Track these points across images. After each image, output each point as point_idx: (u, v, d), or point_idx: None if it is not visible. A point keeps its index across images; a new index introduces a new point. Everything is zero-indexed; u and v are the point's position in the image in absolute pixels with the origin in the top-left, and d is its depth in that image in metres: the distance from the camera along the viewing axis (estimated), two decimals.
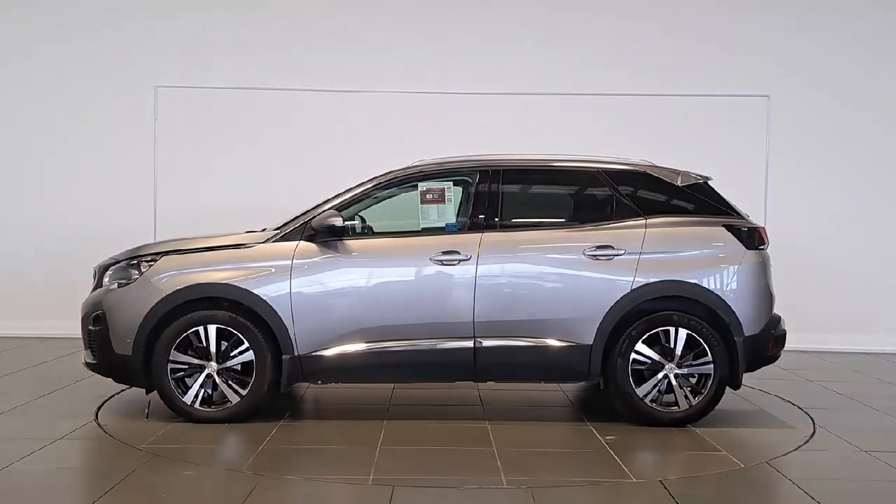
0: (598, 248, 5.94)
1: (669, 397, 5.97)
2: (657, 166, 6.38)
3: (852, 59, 9.69)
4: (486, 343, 5.85)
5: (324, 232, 5.87)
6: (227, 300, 5.82)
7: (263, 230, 6.27)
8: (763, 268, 6.10)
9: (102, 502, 4.32)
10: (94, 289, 6.10)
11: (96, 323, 5.89)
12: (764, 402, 6.84)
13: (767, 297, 6.10)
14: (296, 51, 9.69)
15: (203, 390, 5.81)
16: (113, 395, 6.54)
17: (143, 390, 5.92)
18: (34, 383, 7.07)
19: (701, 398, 5.91)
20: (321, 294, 5.84)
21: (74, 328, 6.27)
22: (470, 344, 5.85)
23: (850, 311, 9.57)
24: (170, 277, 5.82)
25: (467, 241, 5.94)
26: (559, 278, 5.95)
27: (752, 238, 6.10)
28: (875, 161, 9.70)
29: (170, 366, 5.77)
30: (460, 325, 5.85)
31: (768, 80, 9.66)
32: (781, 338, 6.18)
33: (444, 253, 5.89)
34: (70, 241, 9.37)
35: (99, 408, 6.25)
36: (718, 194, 6.29)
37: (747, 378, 6.23)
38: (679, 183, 6.19)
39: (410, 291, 5.91)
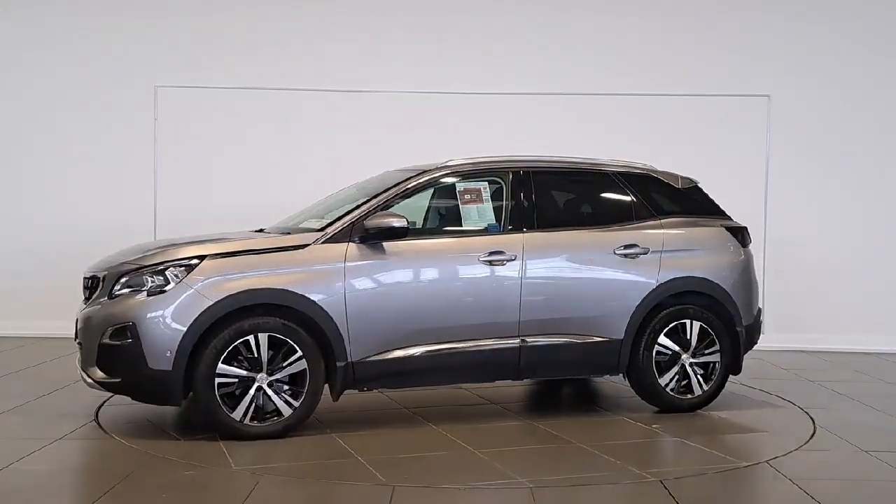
0: (627, 246, 6.20)
1: (681, 385, 6.34)
2: (656, 169, 6.70)
3: (852, 59, 9.68)
4: (530, 341, 5.95)
5: (380, 233, 5.63)
6: (276, 306, 5.44)
7: (260, 230, 6.23)
8: (752, 263, 6.74)
9: (102, 502, 4.32)
10: (96, 299, 5.56)
11: (119, 337, 5.32)
12: (764, 401, 6.84)
13: (756, 290, 6.77)
14: (296, 50, 9.68)
15: (254, 405, 5.39)
16: (111, 396, 6.52)
17: (145, 404, 5.72)
18: (34, 383, 7.07)
19: (711, 384, 6.38)
20: (376, 297, 5.64)
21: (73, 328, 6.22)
22: (516, 342, 5.93)
23: (850, 311, 9.57)
24: (217, 283, 5.35)
25: (511, 241, 5.98)
26: (598, 276, 6.18)
27: (744, 236, 6.71)
28: (875, 161, 9.69)
29: (217, 380, 5.33)
30: (508, 325, 5.92)
31: (768, 80, 9.65)
32: (761, 325, 6.92)
33: (492, 253, 5.91)
34: (70, 241, 9.33)
35: (99, 408, 6.24)
36: (709, 196, 6.75)
37: (748, 379, 6.53)
38: (679, 185, 6.63)
39: (465, 292, 5.88)
